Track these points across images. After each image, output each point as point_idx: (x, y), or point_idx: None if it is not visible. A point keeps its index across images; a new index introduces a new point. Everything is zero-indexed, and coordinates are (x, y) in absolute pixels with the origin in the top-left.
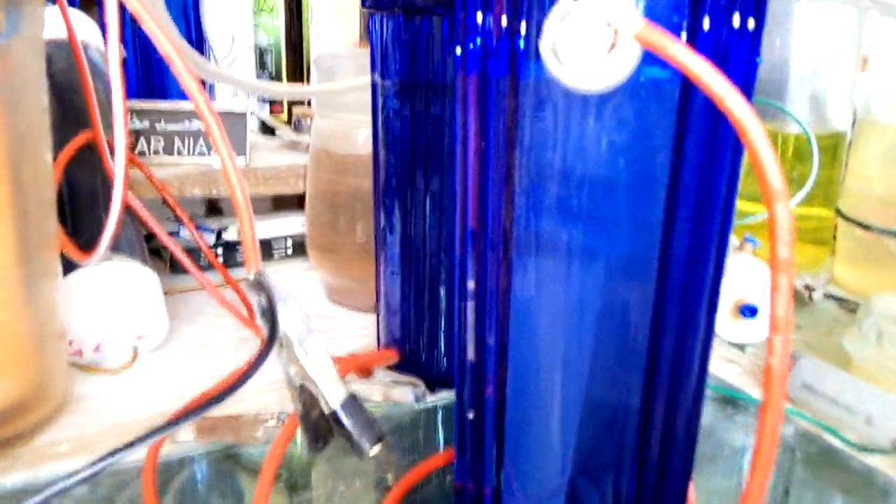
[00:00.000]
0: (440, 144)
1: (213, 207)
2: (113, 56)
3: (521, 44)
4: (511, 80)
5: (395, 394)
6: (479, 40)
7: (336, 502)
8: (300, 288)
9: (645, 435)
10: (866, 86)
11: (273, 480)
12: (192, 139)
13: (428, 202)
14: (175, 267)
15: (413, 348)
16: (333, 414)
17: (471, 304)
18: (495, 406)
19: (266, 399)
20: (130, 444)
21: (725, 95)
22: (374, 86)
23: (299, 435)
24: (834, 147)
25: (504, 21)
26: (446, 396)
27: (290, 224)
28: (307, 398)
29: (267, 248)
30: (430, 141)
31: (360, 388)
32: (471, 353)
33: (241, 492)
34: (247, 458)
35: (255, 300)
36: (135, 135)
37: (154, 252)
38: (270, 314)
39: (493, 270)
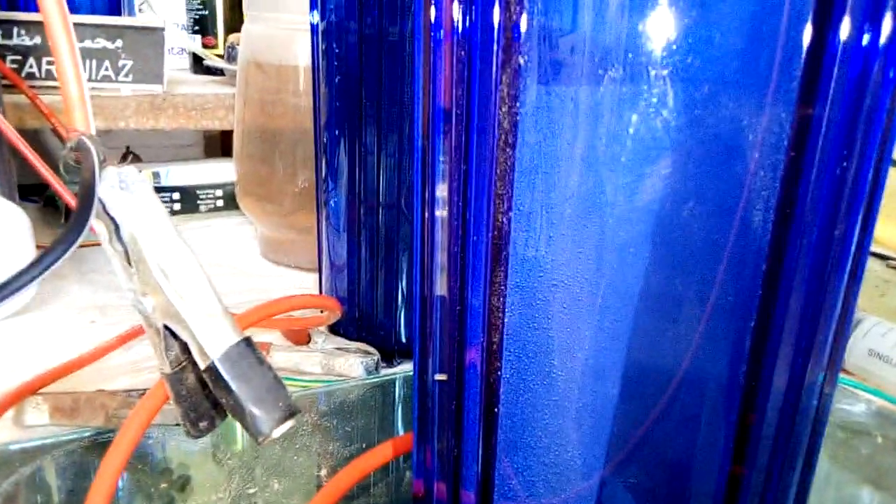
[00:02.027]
0: (401, 57)
1: (132, 154)
2: None
3: None
4: None
5: (338, 364)
6: None
7: None
8: (231, 245)
9: (744, 424)
10: None
11: (119, 475)
12: (94, 61)
13: (384, 143)
14: None
15: (364, 311)
16: (211, 370)
17: (442, 213)
18: (484, 366)
19: (146, 379)
20: None
21: None
22: None
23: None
24: None
25: None
26: (408, 369)
27: (220, 170)
28: (178, 350)
29: (192, 198)
30: (385, 58)
31: (295, 357)
32: (441, 286)
33: None
34: None
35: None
36: (21, 53)
37: (50, 200)
38: (86, 183)
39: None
